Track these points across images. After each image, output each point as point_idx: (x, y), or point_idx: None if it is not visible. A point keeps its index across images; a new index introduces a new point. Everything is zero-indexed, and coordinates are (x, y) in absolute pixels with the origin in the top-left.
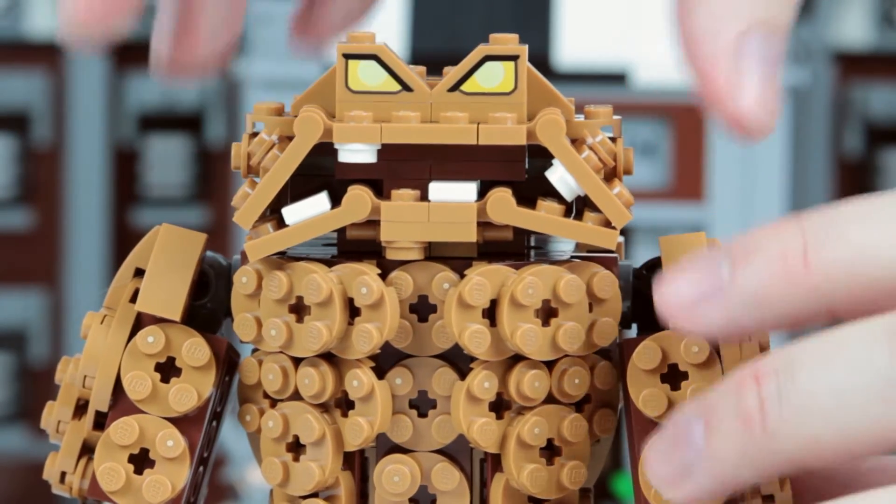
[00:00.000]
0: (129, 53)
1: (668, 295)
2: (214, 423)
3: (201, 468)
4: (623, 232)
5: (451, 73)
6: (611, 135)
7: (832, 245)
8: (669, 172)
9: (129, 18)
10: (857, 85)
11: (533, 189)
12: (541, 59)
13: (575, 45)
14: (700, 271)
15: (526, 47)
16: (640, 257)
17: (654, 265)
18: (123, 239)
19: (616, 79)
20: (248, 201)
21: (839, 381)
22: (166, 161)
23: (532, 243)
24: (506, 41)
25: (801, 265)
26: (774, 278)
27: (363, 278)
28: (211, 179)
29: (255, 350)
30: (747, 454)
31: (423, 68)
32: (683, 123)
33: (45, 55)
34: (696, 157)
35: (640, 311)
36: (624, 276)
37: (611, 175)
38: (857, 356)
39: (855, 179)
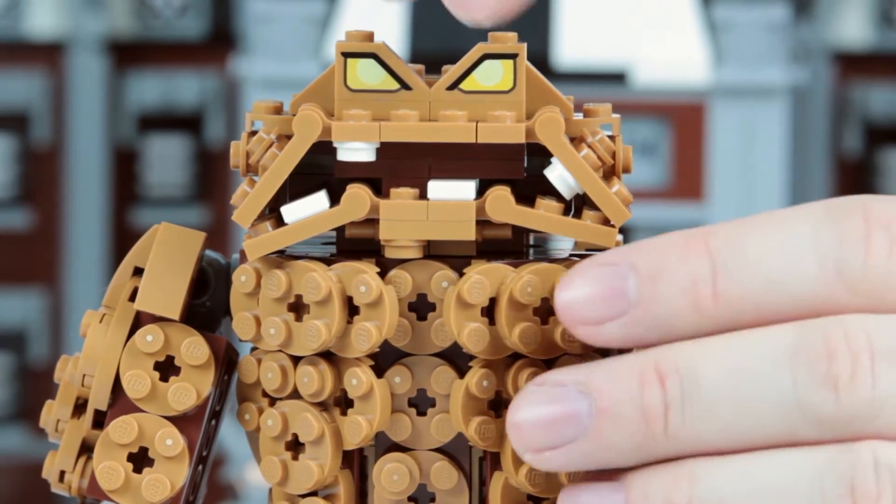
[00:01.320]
0: (129, 53)
1: (570, 304)
2: (213, 422)
3: (200, 467)
4: (622, 231)
5: (450, 72)
6: (610, 133)
7: (741, 273)
8: (669, 172)
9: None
10: (856, 85)
11: (532, 187)
12: (540, 59)
13: (574, 44)
14: (604, 283)
15: (525, 45)
16: None
17: None
18: (123, 239)
19: (616, 78)
20: (246, 200)
21: (742, 396)
22: (166, 161)
23: (531, 242)
24: (505, 39)
25: (711, 296)
26: (683, 308)
27: (362, 277)
28: (211, 179)
29: (253, 349)
30: (641, 449)
31: (421, 66)
32: (683, 123)
33: (45, 55)
34: (695, 157)
35: None
36: None
37: (610, 173)
38: (760, 369)
39: (854, 179)
